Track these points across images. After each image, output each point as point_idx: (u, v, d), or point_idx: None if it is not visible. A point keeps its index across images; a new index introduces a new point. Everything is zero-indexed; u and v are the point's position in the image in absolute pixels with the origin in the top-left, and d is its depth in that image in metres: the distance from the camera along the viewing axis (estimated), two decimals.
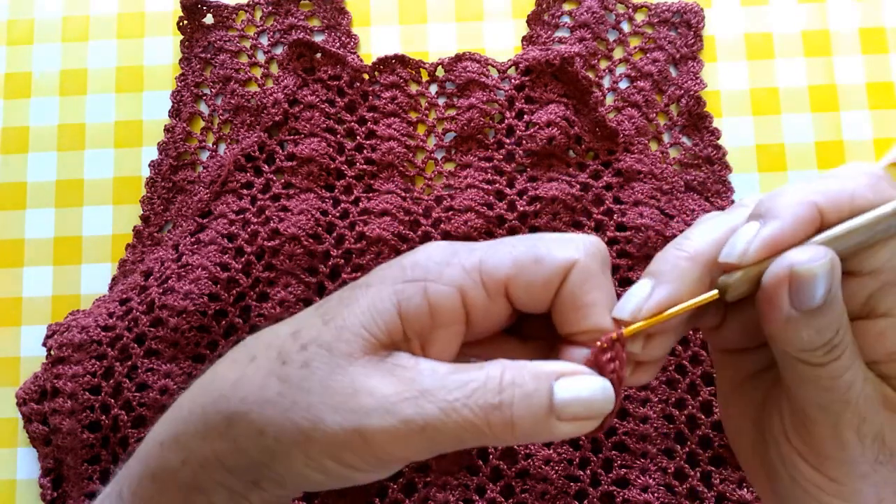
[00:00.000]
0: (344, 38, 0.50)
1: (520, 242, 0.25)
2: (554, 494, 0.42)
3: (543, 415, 0.23)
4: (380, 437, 0.23)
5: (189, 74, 0.50)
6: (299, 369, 0.24)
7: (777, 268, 0.23)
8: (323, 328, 0.25)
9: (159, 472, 0.26)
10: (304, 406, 0.23)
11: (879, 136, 0.49)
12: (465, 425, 0.22)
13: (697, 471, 0.43)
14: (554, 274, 0.24)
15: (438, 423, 0.22)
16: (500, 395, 0.23)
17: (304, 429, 0.23)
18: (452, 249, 0.25)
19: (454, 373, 0.23)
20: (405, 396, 0.23)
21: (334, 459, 0.23)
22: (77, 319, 0.45)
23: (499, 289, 0.24)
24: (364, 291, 0.25)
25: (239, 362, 0.26)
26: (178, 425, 0.26)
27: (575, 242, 0.25)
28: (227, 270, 0.45)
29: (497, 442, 0.23)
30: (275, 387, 0.24)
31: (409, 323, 0.24)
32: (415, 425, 0.22)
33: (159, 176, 0.48)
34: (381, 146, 0.47)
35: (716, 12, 0.50)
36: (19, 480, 0.46)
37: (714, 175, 0.47)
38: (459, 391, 0.23)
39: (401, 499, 0.43)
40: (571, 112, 0.47)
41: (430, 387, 0.23)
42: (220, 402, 0.25)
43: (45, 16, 0.51)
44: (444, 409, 0.22)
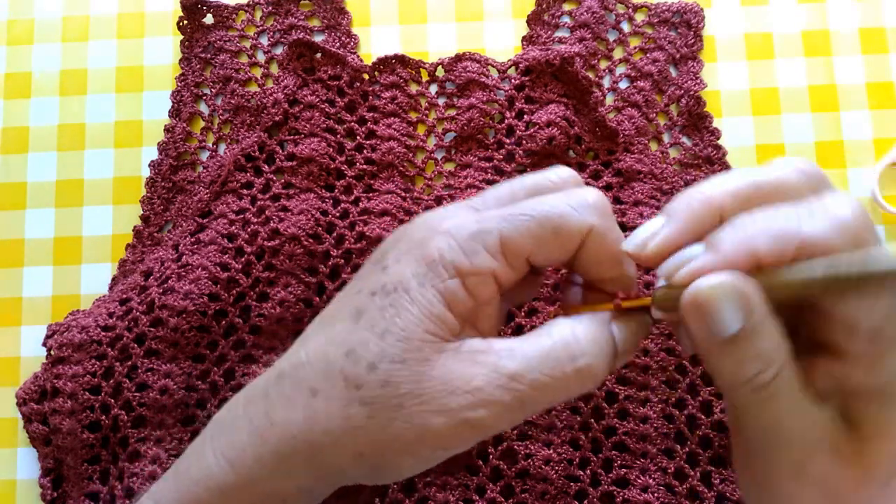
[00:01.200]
0: (344, 38, 0.50)
1: (534, 210, 0.26)
2: (554, 494, 0.42)
3: (612, 358, 0.26)
4: (486, 422, 0.24)
5: (189, 74, 0.50)
6: (382, 389, 0.25)
7: (687, 291, 0.23)
8: (383, 344, 0.25)
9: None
10: (403, 419, 0.24)
11: (879, 136, 0.49)
12: (557, 391, 0.25)
13: (697, 471, 0.43)
14: (572, 242, 0.26)
15: (532, 398, 0.25)
16: (581, 360, 0.25)
17: (409, 440, 0.25)
18: (473, 233, 0.26)
19: (529, 345, 0.25)
20: (499, 384, 0.24)
21: (443, 449, 0.25)
22: (77, 319, 0.45)
23: (521, 261, 0.26)
24: (407, 298, 0.25)
25: (297, 400, 0.26)
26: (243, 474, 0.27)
27: (585, 205, 0.26)
28: (227, 270, 0.45)
29: (582, 392, 0.25)
30: (360, 412, 0.25)
31: (461, 314, 0.26)
32: (514, 406, 0.24)
33: (159, 176, 0.48)
34: (381, 146, 0.47)
35: (716, 12, 0.50)
36: (19, 480, 0.46)
37: (714, 175, 0.47)
38: (543, 366, 0.25)
39: (401, 499, 0.43)
40: (571, 112, 0.47)
41: (516, 370, 0.24)
42: (294, 443, 0.26)
43: (45, 16, 0.51)
44: (536, 386, 0.24)
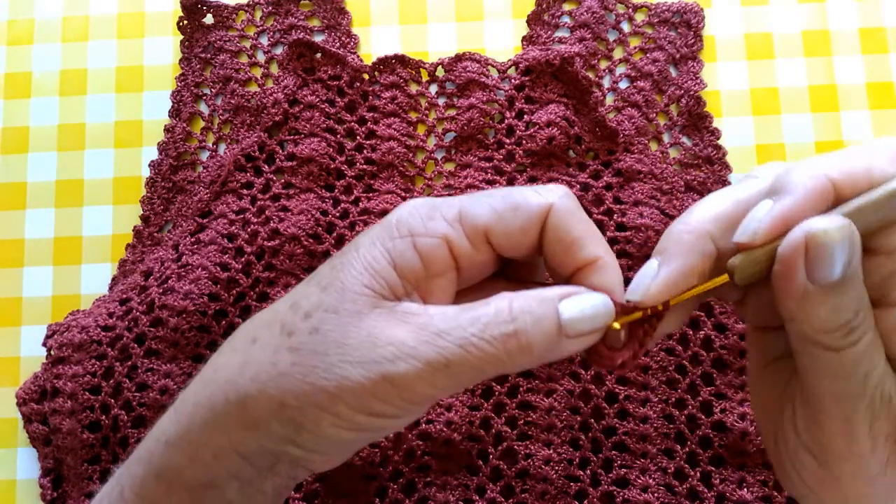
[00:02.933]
0: (344, 38, 0.50)
1: (496, 192, 0.26)
2: (554, 494, 0.42)
3: (555, 334, 0.24)
4: (407, 379, 0.24)
5: (189, 74, 0.50)
6: (309, 336, 0.24)
7: (793, 237, 0.22)
8: (323, 294, 0.25)
9: (165, 472, 0.26)
10: (325, 368, 0.24)
11: (879, 135, 0.49)
12: (484, 357, 0.24)
13: (697, 471, 0.43)
14: (532, 219, 0.25)
15: (460, 358, 0.24)
16: (512, 324, 0.24)
17: (328, 389, 0.24)
18: (433, 204, 0.26)
19: (463, 311, 0.24)
20: (423, 340, 0.24)
21: (364, 411, 0.24)
22: (77, 319, 0.45)
23: (480, 237, 0.26)
24: (356, 255, 0.25)
25: (238, 348, 0.26)
26: (184, 422, 0.26)
27: (548, 188, 0.26)
28: (227, 270, 0.45)
29: (515, 368, 0.24)
30: (287, 358, 0.24)
31: (406, 276, 0.25)
32: (439, 364, 0.23)
33: (159, 176, 0.48)
34: (381, 146, 0.47)
35: (716, 12, 0.50)
36: (19, 480, 0.46)
37: (714, 175, 0.47)
38: (473, 326, 0.24)
39: (401, 499, 0.43)
40: (571, 112, 0.47)
41: (445, 328, 0.24)
42: (227, 388, 0.25)
43: (45, 16, 0.51)
44: (463, 345, 0.24)
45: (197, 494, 0.26)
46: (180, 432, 0.26)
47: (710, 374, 0.44)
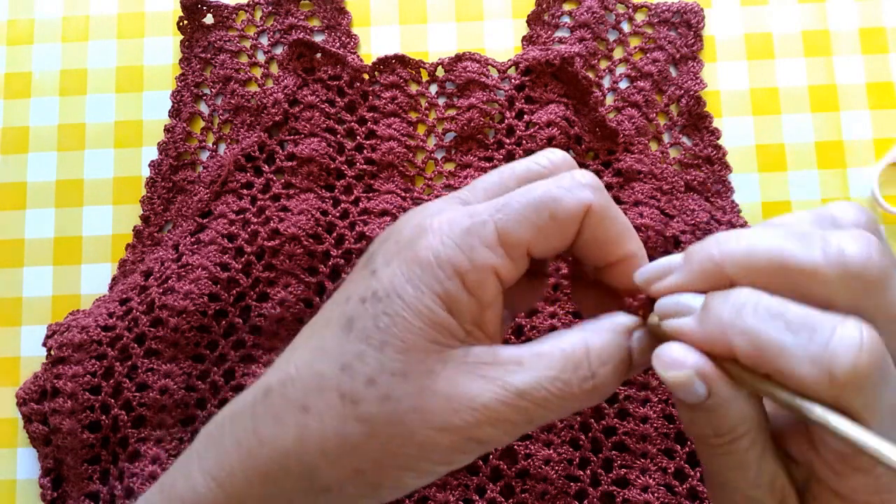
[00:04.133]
0: (344, 38, 0.50)
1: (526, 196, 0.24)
2: (554, 494, 0.42)
3: (625, 373, 0.24)
4: (494, 438, 0.24)
5: (189, 74, 0.50)
6: (380, 405, 0.23)
7: (653, 357, 0.22)
8: (382, 357, 0.23)
9: None
10: (406, 436, 0.23)
11: (879, 136, 0.49)
12: (563, 409, 0.24)
13: (697, 471, 0.43)
14: (571, 224, 0.24)
15: (540, 415, 0.24)
16: (592, 381, 0.24)
17: (412, 457, 0.23)
18: (467, 228, 0.24)
19: (539, 358, 0.24)
20: (505, 402, 0.23)
21: (447, 465, 0.24)
22: (77, 319, 0.45)
23: (522, 254, 0.24)
24: (403, 304, 0.24)
25: (287, 418, 0.24)
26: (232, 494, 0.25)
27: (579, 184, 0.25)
28: (227, 270, 0.45)
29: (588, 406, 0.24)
30: (357, 430, 0.23)
31: (463, 319, 0.24)
32: (521, 422, 0.23)
33: (159, 176, 0.48)
34: (381, 146, 0.47)
35: (716, 12, 0.50)
36: (19, 480, 0.46)
37: (714, 175, 0.47)
38: (553, 384, 0.23)
39: (401, 499, 0.43)
40: (571, 112, 0.47)
41: (525, 387, 0.23)
42: (287, 462, 0.24)
43: (45, 16, 0.51)
44: (544, 404, 0.23)
45: None
46: None
47: None
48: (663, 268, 0.24)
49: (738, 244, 0.22)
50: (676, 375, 0.21)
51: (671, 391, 0.22)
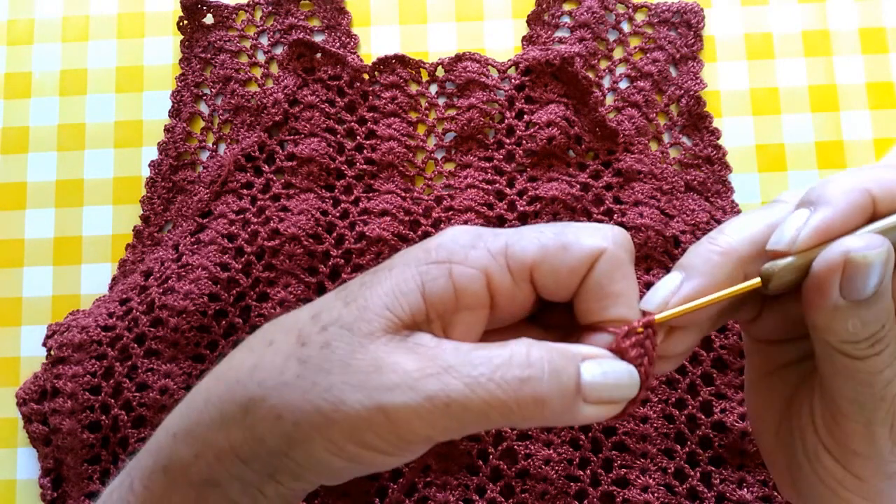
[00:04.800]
0: (344, 38, 0.50)
1: (547, 228, 0.25)
2: (554, 494, 0.42)
3: (571, 394, 0.23)
4: (403, 413, 0.22)
5: (189, 74, 0.50)
6: (319, 350, 0.24)
7: (830, 254, 0.22)
8: (344, 309, 0.24)
9: (171, 465, 0.26)
10: (325, 387, 0.23)
11: (879, 136, 0.49)
12: (491, 401, 0.22)
13: (697, 471, 0.43)
14: (581, 261, 0.24)
15: (463, 398, 0.22)
16: (528, 370, 0.22)
17: (324, 410, 0.23)
18: (478, 233, 0.25)
19: (478, 349, 0.23)
20: (428, 372, 0.22)
21: (356, 442, 0.23)
22: (77, 319, 0.45)
23: (524, 274, 0.24)
24: (387, 274, 0.24)
25: (256, 348, 0.26)
26: (192, 416, 0.26)
27: (602, 231, 0.24)
28: (227, 270, 0.45)
29: (524, 422, 0.22)
30: (294, 369, 0.24)
31: (433, 304, 0.24)
32: (439, 401, 0.22)
33: (159, 176, 0.48)
34: (381, 146, 0.47)
35: (716, 12, 0.50)
36: (19, 480, 0.46)
37: (714, 175, 0.47)
38: (485, 366, 0.22)
39: (401, 499, 0.43)
40: (571, 112, 0.47)
41: (455, 363, 0.22)
42: (236, 388, 0.25)
43: (45, 16, 0.51)
44: (469, 384, 0.22)
45: (200, 491, 0.26)
46: (188, 426, 0.26)
47: (710, 374, 0.44)
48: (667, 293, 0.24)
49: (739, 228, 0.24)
50: (872, 257, 0.22)
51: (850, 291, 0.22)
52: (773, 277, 0.23)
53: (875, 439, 0.24)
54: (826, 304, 0.22)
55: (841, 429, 0.24)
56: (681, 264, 0.25)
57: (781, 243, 0.23)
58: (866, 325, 0.22)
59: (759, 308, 0.27)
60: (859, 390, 0.23)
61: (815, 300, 0.23)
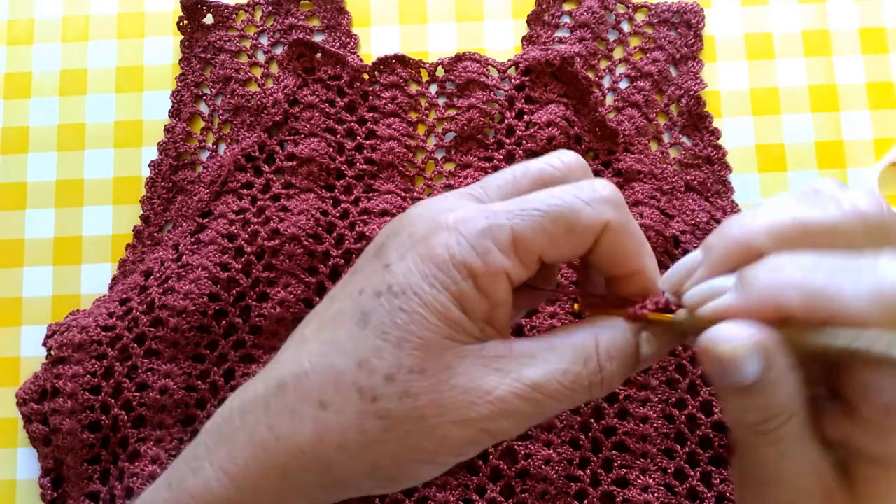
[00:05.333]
0: (344, 38, 0.50)
1: (545, 203, 0.24)
2: (554, 494, 0.42)
3: (632, 369, 0.25)
4: (507, 430, 0.24)
5: (189, 74, 0.50)
6: (399, 401, 0.24)
7: (703, 337, 0.22)
8: (400, 353, 0.24)
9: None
10: (425, 431, 0.24)
11: (879, 136, 0.49)
12: (572, 400, 0.25)
13: (697, 471, 0.43)
14: (587, 239, 0.25)
15: (550, 407, 0.24)
16: (601, 374, 0.24)
17: (429, 450, 0.24)
18: (484, 230, 0.24)
19: (551, 352, 0.25)
20: (519, 395, 0.24)
21: (460, 456, 0.25)
22: (77, 319, 0.45)
23: (534, 259, 0.25)
24: (418, 302, 0.24)
25: (304, 414, 0.25)
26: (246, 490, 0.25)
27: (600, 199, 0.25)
28: (227, 270, 0.45)
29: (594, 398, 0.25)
30: (378, 425, 0.24)
31: (475, 316, 0.24)
32: (534, 414, 0.24)
33: (159, 176, 0.48)
34: (381, 146, 0.47)
35: (716, 12, 0.50)
36: (19, 480, 0.46)
37: (714, 175, 0.47)
38: (564, 378, 0.24)
39: (401, 499, 0.43)
40: (571, 112, 0.47)
41: (538, 380, 0.24)
42: (304, 459, 0.24)
43: (45, 16, 0.51)
44: (555, 396, 0.24)
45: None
46: (242, 501, 0.25)
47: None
48: (686, 268, 0.24)
49: (756, 220, 0.22)
50: (734, 349, 0.21)
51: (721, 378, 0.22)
52: (676, 325, 0.24)
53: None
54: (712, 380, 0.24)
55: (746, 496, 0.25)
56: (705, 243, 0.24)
57: (666, 285, 0.25)
58: (748, 414, 0.22)
59: None
60: (757, 471, 0.23)
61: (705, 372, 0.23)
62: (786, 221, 0.22)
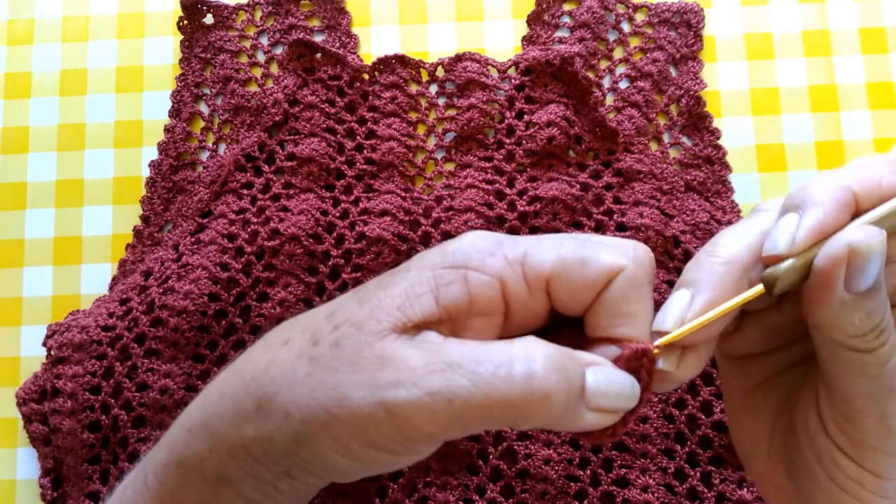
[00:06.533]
0: (344, 38, 0.50)
1: (569, 240, 0.25)
2: (554, 494, 0.42)
3: (576, 395, 0.22)
4: (405, 409, 0.22)
5: (189, 74, 0.50)
6: (329, 348, 0.24)
7: (833, 248, 0.22)
8: (357, 309, 0.24)
9: (186, 460, 0.26)
10: (331, 384, 0.23)
11: (879, 136, 0.49)
12: (495, 397, 0.22)
13: (697, 471, 0.43)
14: (598, 277, 0.24)
15: (467, 395, 0.22)
16: (533, 365, 0.22)
17: (328, 408, 0.23)
18: (497, 239, 0.25)
19: (484, 346, 0.23)
20: (432, 368, 0.22)
21: (360, 440, 0.23)
22: (77, 319, 0.45)
23: (540, 284, 0.24)
24: (403, 275, 0.25)
25: (272, 346, 0.26)
26: (208, 409, 0.26)
27: (624, 249, 0.24)
28: (227, 270, 0.45)
29: (526, 421, 0.22)
30: (304, 367, 0.24)
31: (446, 308, 0.24)
32: (442, 398, 0.22)
33: (159, 176, 0.48)
34: (381, 146, 0.47)
35: (716, 12, 0.50)
36: (19, 480, 0.46)
37: (714, 175, 0.47)
38: (490, 363, 0.22)
39: (401, 499, 0.43)
40: (571, 112, 0.47)
41: (459, 359, 0.22)
42: (251, 384, 0.25)
43: (45, 16, 0.51)
44: (474, 380, 0.22)
45: (214, 486, 0.25)
46: (203, 420, 0.26)
47: (709, 374, 0.44)
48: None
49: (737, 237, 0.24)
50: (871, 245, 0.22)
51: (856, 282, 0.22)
52: (776, 280, 0.23)
53: (892, 432, 0.24)
54: (832, 300, 0.23)
55: (855, 426, 0.24)
56: (685, 280, 0.24)
57: (779, 247, 0.23)
58: (871, 316, 0.23)
59: (739, 320, 0.27)
60: (870, 384, 0.24)
61: (820, 298, 0.23)
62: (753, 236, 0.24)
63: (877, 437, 0.24)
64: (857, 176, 0.24)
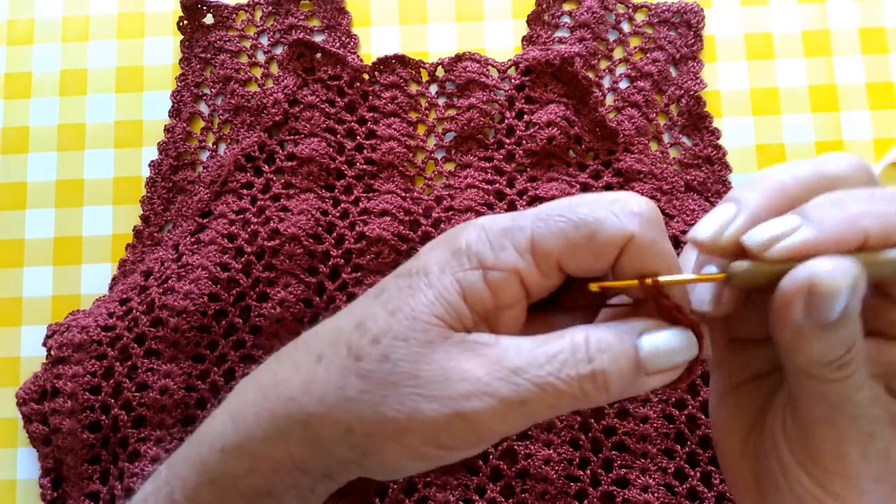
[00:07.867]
0: (344, 38, 0.50)
1: (571, 212, 0.24)
2: (554, 494, 0.42)
3: (633, 373, 0.24)
4: (481, 417, 0.23)
5: (189, 74, 0.50)
6: (379, 364, 0.24)
7: (796, 275, 0.21)
8: (391, 320, 0.25)
9: (220, 479, 0.26)
10: (396, 399, 0.24)
11: (879, 136, 0.49)
12: (561, 396, 0.23)
13: (697, 471, 0.43)
14: (609, 249, 0.24)
15: (536, 397, 0.23)
16: (590, 365, 0.23)
17: (399, 421, 0.24)
18: (504, 228, 0.25)
19: (539, 346, 0.24)
20: (498, 377, 0.23)
21: (433, 444, 0.24)
22: (77, 319, 0.45)
23: (552, 265, 0.25)
24: (426, 281, 0.25)
25: (302, 364, 0.26)
26: (242, 431, 0.26)
27: (627, 211, 0.24)
28: (227, 270, 0.45)
29: (591, 405, 0.24)
30: (356, 384, 0.24)
31: (475, 307, 0.24)
32: (513, 403, 0.23)
33: (159, 176, 0.48)
34: (381, 146, 0.47)
35: (716, 12, 0.50)
36: (19, 480, 0.46)
37: (714, 175, 0.47)
38: (550, 365, 0.23)
39: (401, 499, 0.43)
40: (571, 112, 0.47)
41: (521, 364, 0.23)
42: (291, 406, 0.25)
43: (45, 16, 0.51)
44: (539, 384, 0.23)
45: (252, 501, 0.26)
46: (238, 442, 0.26)
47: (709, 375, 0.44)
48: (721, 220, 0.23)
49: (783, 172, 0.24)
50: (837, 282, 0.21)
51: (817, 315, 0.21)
52: (733, 279, 0.23)
53: (847, 459, 0.24)
54: (790, 324, 0.22)
55: (814, 447, 0.24)
56: (732, 197, 0.24)
57: (757, 245, 0.23)
58: (832, 349, 0.22)
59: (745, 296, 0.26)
60: (829, 411, 0.23)
61: (780, 318, 0.23)
62: (808, 171, 0.23)
63: (833, 460, 0.24)
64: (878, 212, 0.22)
